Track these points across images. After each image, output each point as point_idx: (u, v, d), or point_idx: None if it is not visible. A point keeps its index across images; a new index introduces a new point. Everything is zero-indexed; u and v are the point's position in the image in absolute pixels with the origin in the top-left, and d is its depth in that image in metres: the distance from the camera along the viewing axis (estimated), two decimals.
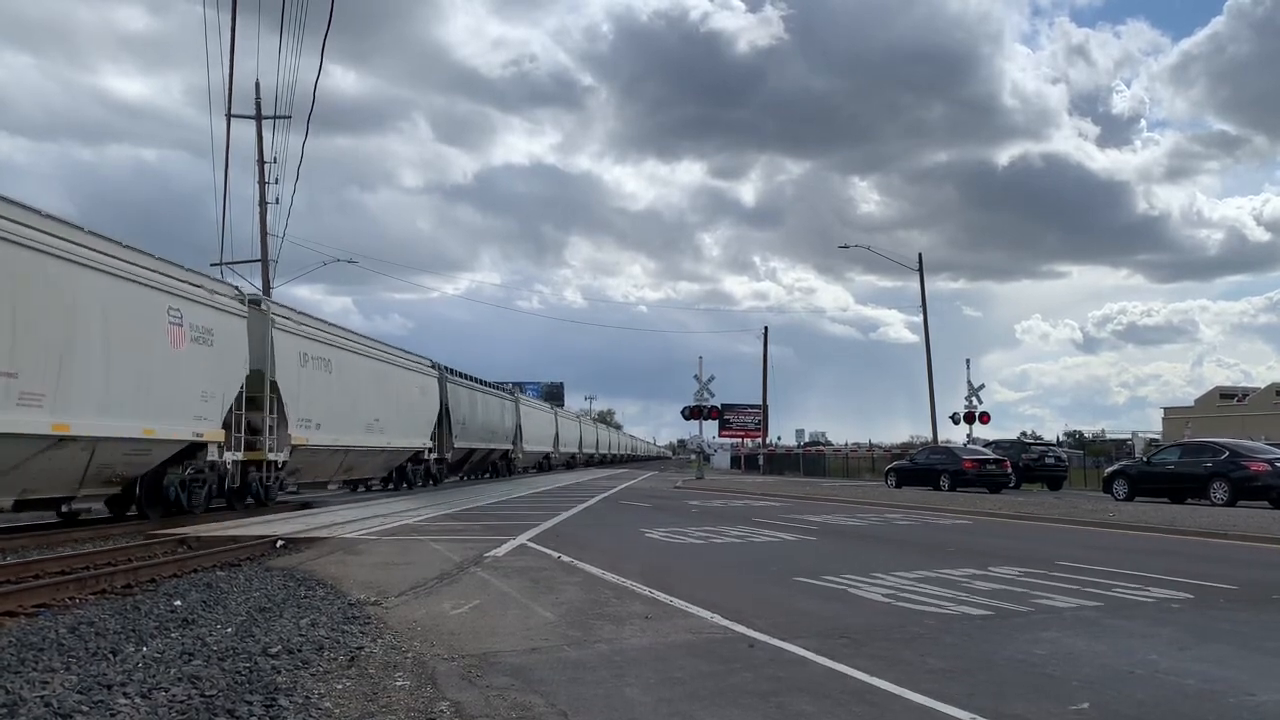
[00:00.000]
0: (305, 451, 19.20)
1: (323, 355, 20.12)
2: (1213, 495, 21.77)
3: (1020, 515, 17.99)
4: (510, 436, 41.93)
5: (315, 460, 20.31)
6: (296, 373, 18.74)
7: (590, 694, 4.83)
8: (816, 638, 6.15)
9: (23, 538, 12.61)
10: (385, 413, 23.95)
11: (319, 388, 19.80)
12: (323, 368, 20.05)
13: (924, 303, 45.75)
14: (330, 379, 20.49)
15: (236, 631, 6.26)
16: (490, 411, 37.93)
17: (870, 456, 53.13)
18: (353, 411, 21.84)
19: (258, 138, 31.35)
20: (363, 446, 22.68)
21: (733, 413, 68.66)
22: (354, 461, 22.94)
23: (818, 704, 4.64)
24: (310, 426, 19.20)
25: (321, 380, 19.98)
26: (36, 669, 5.19)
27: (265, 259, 31.49)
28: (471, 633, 6.36)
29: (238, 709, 4.42)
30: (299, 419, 18.68)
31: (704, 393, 42.72)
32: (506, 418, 41.24)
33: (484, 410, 36.67)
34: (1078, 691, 4.88)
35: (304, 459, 19.51)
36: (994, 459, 29.45)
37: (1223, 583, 8.86)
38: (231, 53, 26.09)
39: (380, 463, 25.35)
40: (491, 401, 38.40)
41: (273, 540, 11.91)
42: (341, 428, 21.08)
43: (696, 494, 27.79)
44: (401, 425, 25.59)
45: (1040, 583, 8.72)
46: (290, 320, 19.18)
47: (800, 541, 13.10)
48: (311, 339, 19.89)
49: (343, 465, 22.50)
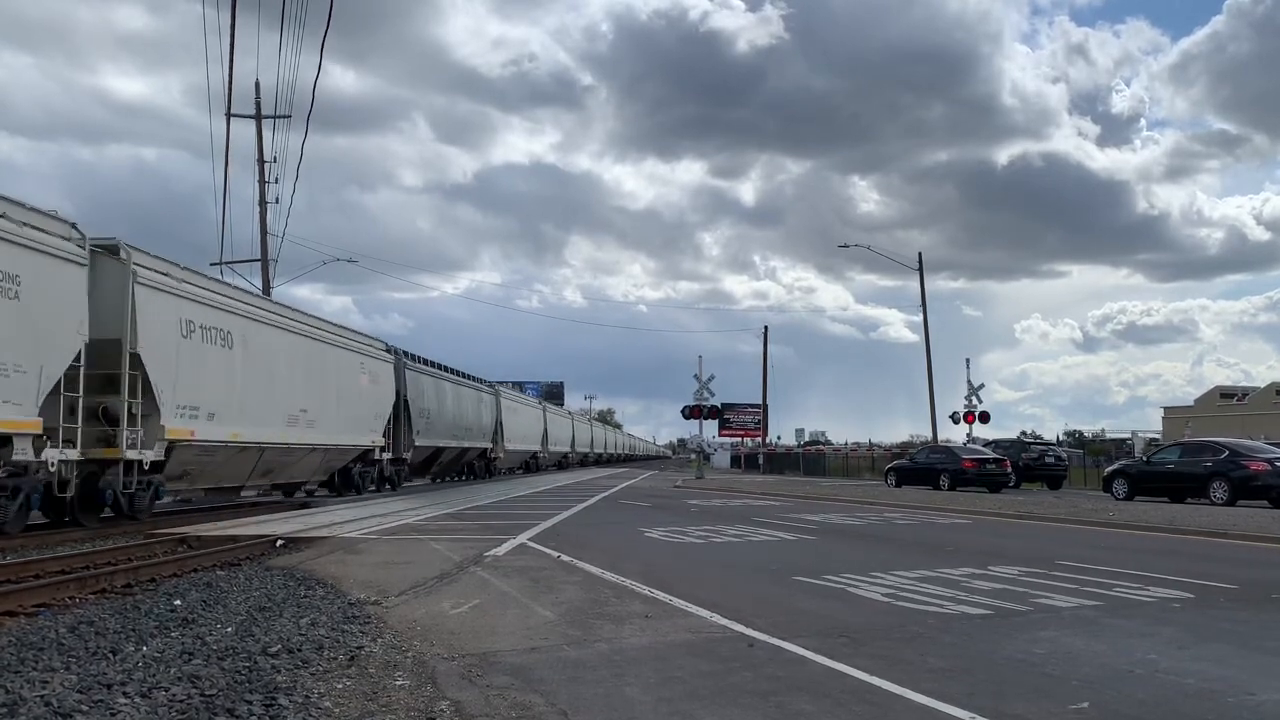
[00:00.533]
0: (190, 449, 15.04)
1: (220, 325, 15.81)
2: (1213, 495, 21.77)
3: (1020, 515, 17.99)
4: (489, 434, 38.13)
5: (210, 461, 16.05)
6: (175, 345, 14.36)
7: (590, 693, 4.83)
8: (816, 637, 6.15)
9: (23, 537, 12.60)
10: (318, 402, 19.68)
11: (213, 367, 15.56)
12: (219, 341, 15.75)
13: (924, 302, 45.80)
14: (232, 356, 16.15)
15: (236, 631, 6.26)
16: (464, 405, 33.85)
17: (870, 456, 53.14)
18: (268, 399, 17.45)
19: (258, 137, 31.37)
20: (285, 444, 18.20)
21: (733, 412, 68.73)
22: (274, 462, 18.48)
23: (817, 703, 4.64)
24: (197, 416, 14.95)
25: (218, 358, 15.71)
26: (36, 668, 5.19)
27: (265, 258, 31.50)
28: (471, 632, 6.36)
29: (238, 708, 4.42)
30: (180, 406, 14.45)
31: (704, 392, 42.74)
32: (485, 413, 37.40)
33: (455, 403, 32.50)
34: (1078, 691, 4.88)
35: (191, 459, 15.34)
36: (994, 458, 29.45)
37: (1223, 582, 8.86)
38: (231, 52, 26.07)
39: (314, 464, 20.86)
40: (465, 394, 34.39)
41: (272, 540, 11.91)
42: (250, 419, 16.71)
43: (696, 493, 27.78)
44: (342, 418, 21.26)
45: (1040, 582, 8.72)
46: (168, 277, 14.52)
47: (800, 541, 13.10)
48: (202, 303, 15.37)
49: (258, 467, 17.93)
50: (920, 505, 20.95)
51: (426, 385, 28.88)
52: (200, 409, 15.10)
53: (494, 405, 39.33)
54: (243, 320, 16.75)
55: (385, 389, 24.51)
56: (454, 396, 32.41)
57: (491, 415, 38.74)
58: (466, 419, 34.08)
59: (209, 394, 15.41)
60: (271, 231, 31.57)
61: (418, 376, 27.91)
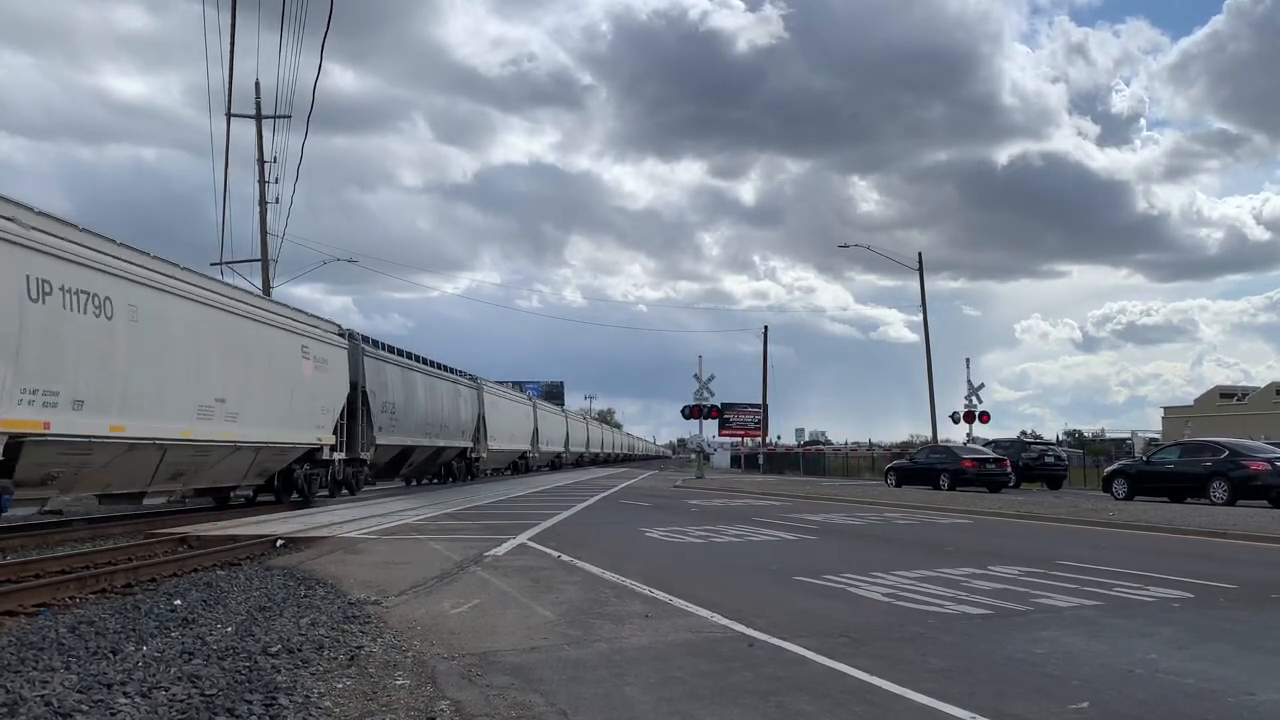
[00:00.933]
0: (48, 447, 11.52)
1: (95, 289, 12.28)
2: (1212, 494, 21.77)
3: (1020, 515, 17.99)
4: (470, 432, 34.40)
5: (87, 462, 12.49)
6: (16, 310, 10.86)
7: (590, 693, 4.83)
8: (816, 637, 6.15)
9: (22, 537, 12.61)
10: (242, 391, 16.03)
11: (83, 342, 12.04)
12: (93, 309, 12.25)
13: (924, 302, 45.78)
14: (113, 329, 12.64)
15: (236, 631, 6.26)
16: (439, 399, 30.02)
17: (870, 456, 53.15)
18: (170, 386, 13.94)
19: (258, 137, 31.34)
20: (195, 440, 14.66)
21: (733, 412, 68.74)
22: (185, 463, 14.86)
23: (818, 703, 4.64)
24: (55, 404, 11.45)
25: (90, 330, 12.18)
26: (36, 668, 5.19)
27: (265, 258, 31.49)
28: (471, 632, 6.36)
29: (238, 708, 4.42)
30: (26, 390, 11.00)
31: (704, 392, 42.73)
32: (464, 409, 33.40)
33: (428, 397, 28.67)
34: (1078, 691, 4.88)
35: (52, 459, 11.81)
36: (994, 458, 29.45)
37: (1223, 582, 8.87)
38: (231, 52, 26.04)
39: (241, 465, 16.92)
40: (441, 387, 30.50)
41: (272, 539, 11.91)
42: (142, 410, 13.22)
43: (696, 493, 27.79)
44: (277, 411, 17.42)
45: (1040, 582, 8.72)
46: (11, 222, 10.96)
47: (800, 541, 13.10)
48: (66, 259, 11.79)
49: (162, 470, 14.32)
50: (920, 505, 20.95)
51: (391, 375, 25.31)
52: (60, 395, 11.62)
53: (475, 400, 35.58)
54: (131, 285, 13.12)
55: (336, 378, 20.74)
56: (426, 389, 28.74)
57: (473, 411, 35.10)
58: (442, 415, 30.32)
59: (75, 376, 11.89)
60: (271, 231, 31.57)
61: (380, 365, 24.36)
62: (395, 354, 26.56)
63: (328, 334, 20.95)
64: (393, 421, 25.03)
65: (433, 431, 29.27)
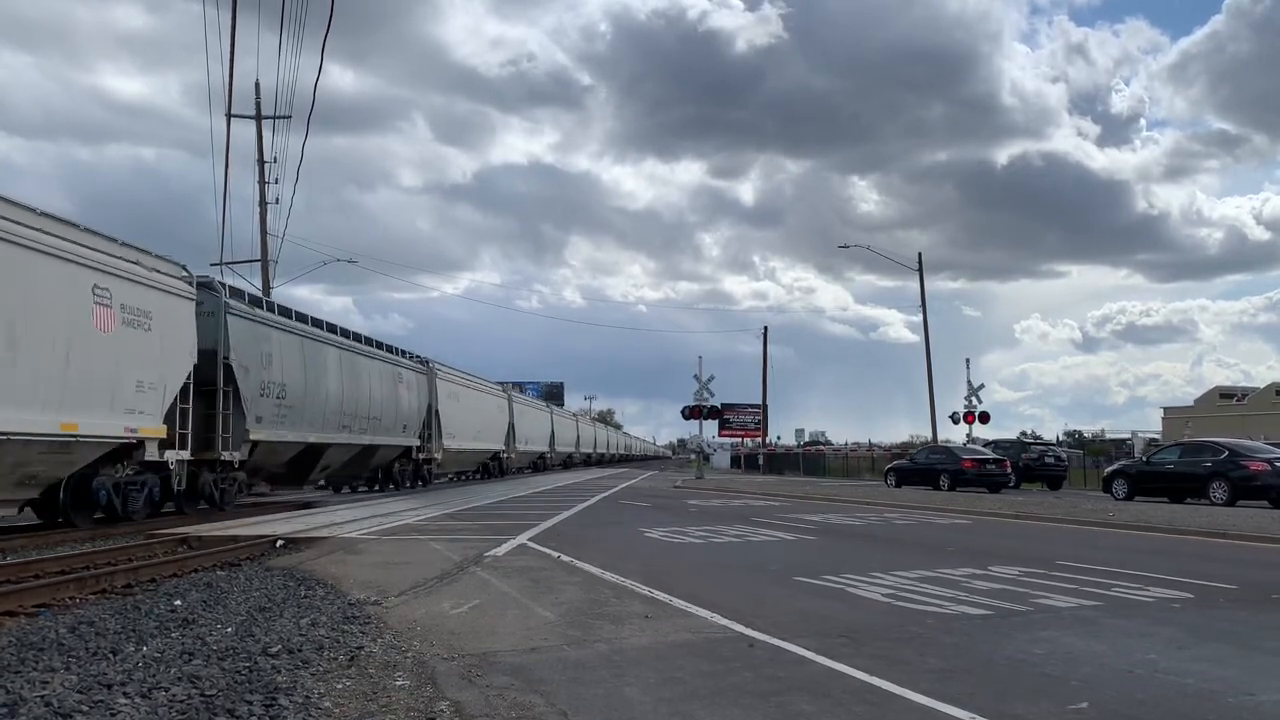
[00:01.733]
0: None
1: None
2: (1212, 495, 21.77)
3: (1020, 515, 17.99)
4: (418, 426, 27.72)
5: None
6: None
7: (590, 694, 4.83)
8: (816, 637, 6.15)
9: (22, 537, 12.61)
10: None
11: None
12: None
13: (924, 303, 45.82)
14: None
15: (236, 631, 6.26)
16: (365, 384, 23.07)
17: (870, 456, 53.17)
18: None
19: (258, 138, 31.33)
20: None
21: (732, 412, 68.71)
22: None
23: (817, 703, 4.64)
24: None
25: None
26: (36, 669, 5.19)
27: (265, 259, 31.49)
28: (471, 632, 6.36)
29: (238, 709, 4.42)
30: None
31: (704, 392, 42.76)
32: (409, 398, 26.74)
33: (348, 380, 21.94)
34: (1077, 691, 4.88)
35: None
36: (993, 459, 29.46)
37: (1223, 583, 8.87)
38: (231, 52, 26.01)
39: None
40: (370, 368, 23.48)
41: (273, 540, 11.91)
42: None
43: (696, 493, 27.79)
44: (46, 387, 11.91)
45: (1040, 582, 8.72)
46: None
47: (800, 541, 13.10)
48: None
49: None
50: (920, 505, 20.95)
51: (281, 346, 18.45)
52: None
53: (423, 388, 28.54)
54: None
55: (169, 342, 14.55)
56: (344, 370, 21.94)
57: (421, 401, 28.14)
58: (372, 403, 23.47)
59: None
60: (271, 232, 31.53)
61: (259, 330, 17.54)
62: (291, 319, 19.42)
63: (157, 275, 14.45)
64: (283, 410, 18.13)
65: (356, 424, 22.37)
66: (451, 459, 32.11)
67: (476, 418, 35.41)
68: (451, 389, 31.80)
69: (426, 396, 28.84)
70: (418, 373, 28.30)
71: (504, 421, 40.21)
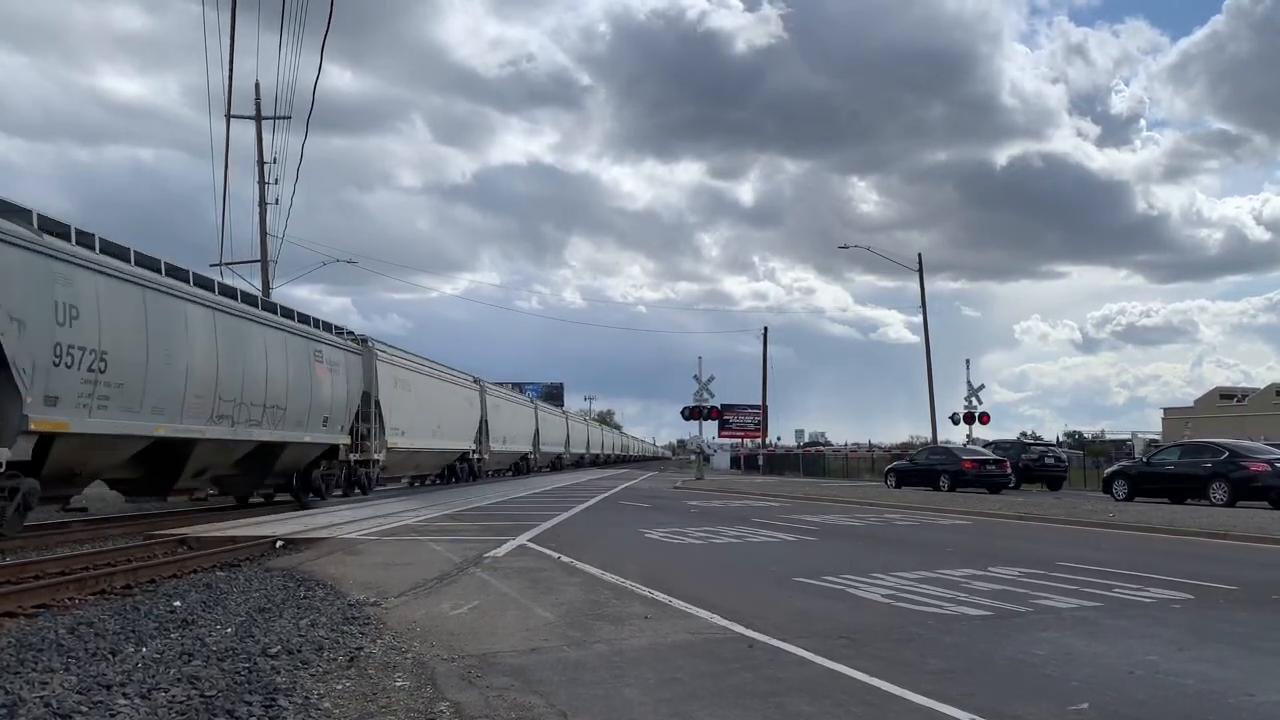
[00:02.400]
0: None
1: None
2: (1212, 495, 21.78)
3: (1020, 516, 17.99)
4: (343, 418, 21.12)
5: None
6: None
7: (590, 694, 4.83)
8: (816, 638, 6.15)
9: (22, 538, 12.60)
10: None
11: None
12: None
13: (924, 303, 45.83)
14: None
15: (236, 632, 6.26)
16: (259, 360, 16.98)
17: (870, 457, 53.18)
18: None
19: (257, 138, 31.32)
20: None
21: (732, 413, 68.66)
22: None
23: (817, 704, 4.64)
24: None
25: None
26: (36, 669, 5.19)
27: (265, 259, 31.49)
28: (471, 633, 6.36)
29: (237, 709, 4.42)
30: None
31: (703, 393, 42.73)
32: (335, 382, 20.55)
33: (233, 352, 15.98)
34: (1077, 692, 4.88)
35: None
36: (994, 459, 29.47)
37: (1223, 583, 8.87)
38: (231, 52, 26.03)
39: None
40: (259, 336, 17.14)
41: (272, 541, 11.91)
42: None
43: (696, 494, 27.78)
44: None
45: (1040, 583, 8.72)
46: None
47: (800, 542, 13.10)
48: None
49: None
50: (920, 506, 20.95)
51: (102, 296, 12.60)
52: None
53: (359, 370, 22.33)
54: None
55: None
56: (225, 337, 15.74)
57: (355, 388, 21.82)
58: (273, 387, 17.33)
59: None
60: (271, 232, 31.49)
61: (52, 267, 11.69)
62: (129, 261, 13.70)
63: None
64: (102, 387, 12.57)
65: (242, 414, 16.19)
66: (401, 461, 26.25)
67: (434, 411, 28.63)
68: (398, 374, 25.34)
69: (362, 383, 22.35)
70: (349, 352, 21.93)
71: (474, 417, 34.06)
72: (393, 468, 25.84)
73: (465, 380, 34.54)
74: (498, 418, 38.35)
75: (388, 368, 24.31)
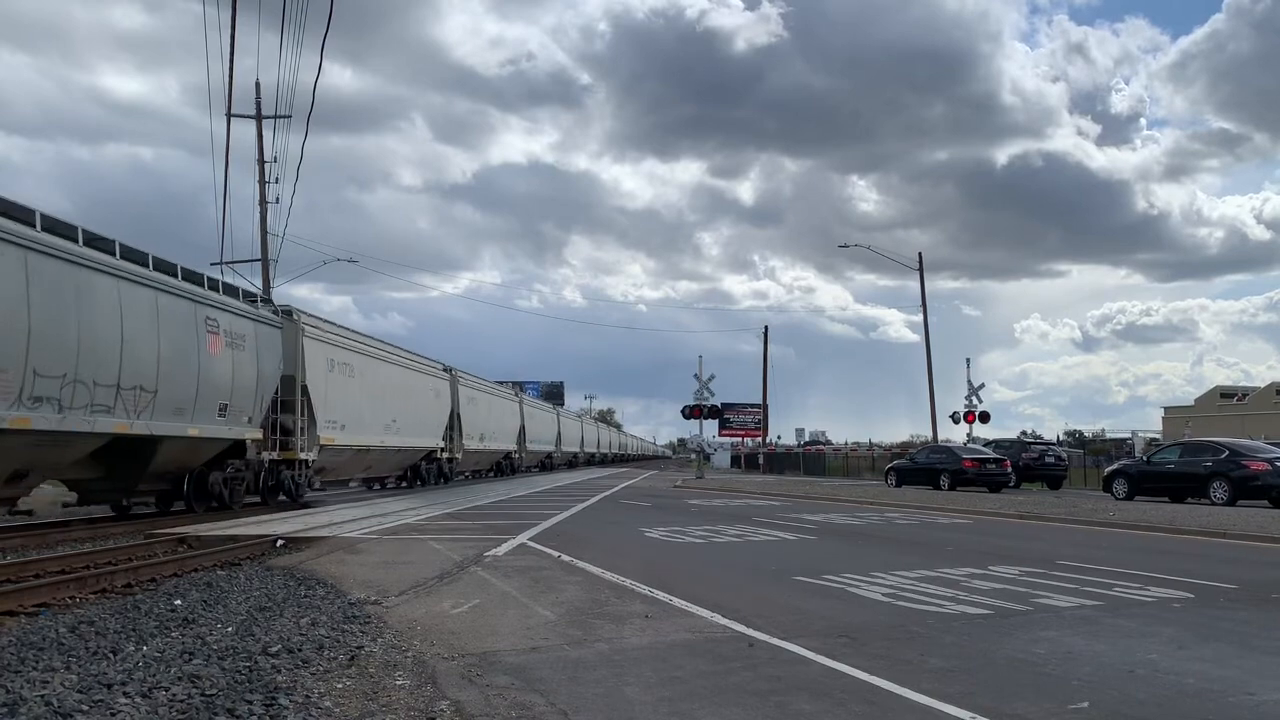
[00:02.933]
0: None
1: None
2: (1213, 495, 21.77)
3: (1020, 515, 17.99)
4: (252, 408, 17.38)
5: None
6: None
7: (590, 693, 4.83)
8: (816, 637, 6.15)
9: (22, 537, 12.61)
10: None
11: None
12: None
13: (924, 302, 45.82)
14: None
15: (237, 631, 6.26)
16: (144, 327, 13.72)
17: (870, 456, 53.18)
18: None
19: (258, 138, 31.30)
20: None
21: (733, 412, 68.71)
22: None
23: (817, 703, 4.64)
24: None
25: None
26: (37, 668, 5.19)
27: (265, 259, 31.48)
28: (472, 632, 6.36)
29: (238, 708, 4.42)
30: None
31: (704, 392, 42.73)
32: (244, 361, 16.91)
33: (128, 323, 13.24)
34: (1077, 690, 4.88)
35: None
36: (994, 458, 29.46)
37: (1223, 582, 8.86)
38: (231, 52, 25.98)
39: None
40: (140, 300, 13.67)
41: (272, 540, 11.91)
42: None
43: (696, 493, 27.78)
44: None
45: (1040, 582, 8.72)
46: None
47: (800, 541, 13.10)
48: None
49: None
50: (920, 505, 20.95)
51: None
52: None
53: (278, 346, 18.69)
54: None
55: None
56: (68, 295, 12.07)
57: (260, 368, 17.71)
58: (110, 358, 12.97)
59: None
60: (271, 231, 31.45)
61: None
62: None
63: None
64: None
65: (75, 394, 12.17)
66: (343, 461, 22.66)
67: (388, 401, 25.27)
68: (336, 355, 21.59)
69: (281, 364, 18.80)
70: (264, 324, 18.09)
71: (444, 410, 31.49)
72: (333, 469, 22.24)
73: (432, 367, 30.49)
74: (473, 411, 34.64)
75: (319, 346, 20.28)
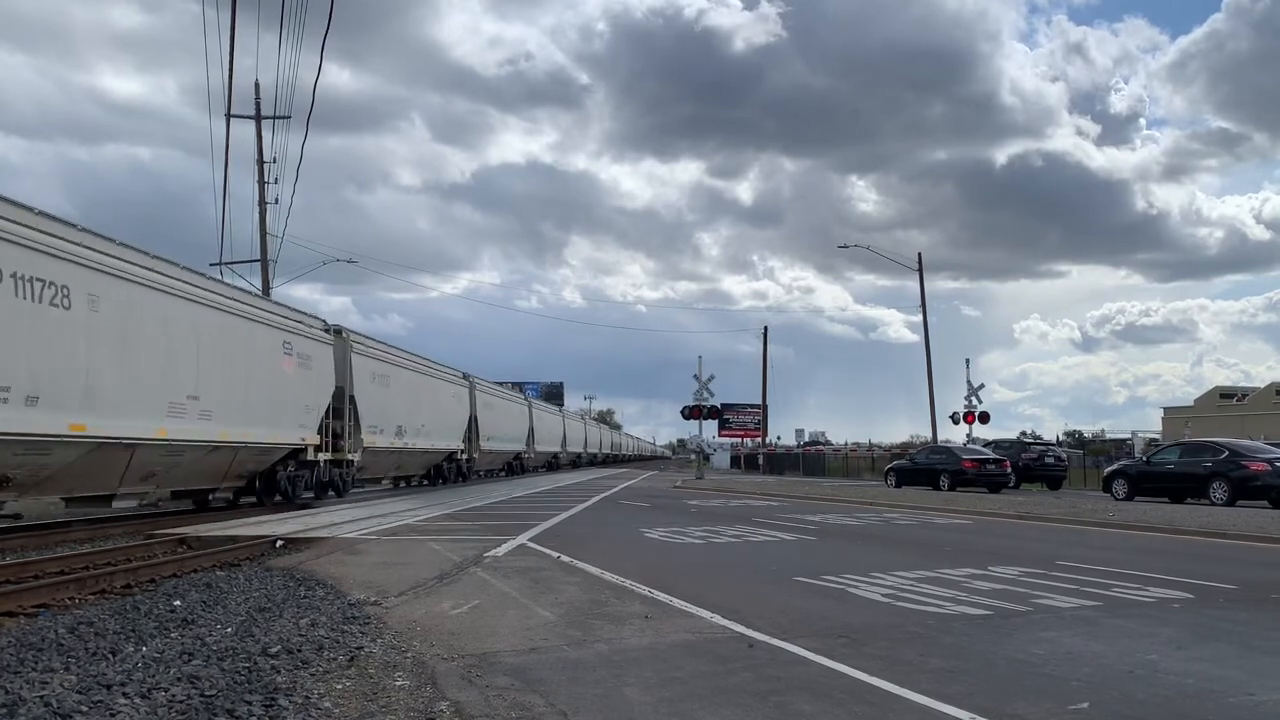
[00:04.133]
0: None
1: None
2: (1212, 495, 21.78)
3: (1020, 515, 17.99)
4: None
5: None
6: None
7: (590, 694, 4.83)
8: (816, 637, 6.15)
9: (22, 538, 12.61)
10: None
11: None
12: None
13: (923, 302, 45.83)
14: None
15: (236, 631, 6.26)
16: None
17: (870, 456, 53.18)
18: None
19: (257, 138, 31.31)
20: None
21: (732, 412, 68.71)
22: None
23: (817, 703, 4.64)
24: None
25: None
26: (36, 669, 5.19)
27: (265, 259, 31.49)
28: (471, 633, 6.36)
29: (237, 709, 4.42)
30: None
31: (703, 392, 42.72)
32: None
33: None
34: (1077, 691, 4.88)
35: None
36: (994, 459, 29.47)
37: (1223, 582, 8.87)
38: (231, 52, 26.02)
39: None
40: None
41: (272, 540, 11.91)
42: None
43: (696, 494, 27.78)
44: None
45: (1040, 582, 8.72)
46: None
47: (799, 541, 13.10)
48: None
49: None
50: (920, 506, 20.95)
51: None
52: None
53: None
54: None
55: None
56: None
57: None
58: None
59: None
60: (271, 232, 31.49)
61: None
62: None
63: None
64: None
65: None
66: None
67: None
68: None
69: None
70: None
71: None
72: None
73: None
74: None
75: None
